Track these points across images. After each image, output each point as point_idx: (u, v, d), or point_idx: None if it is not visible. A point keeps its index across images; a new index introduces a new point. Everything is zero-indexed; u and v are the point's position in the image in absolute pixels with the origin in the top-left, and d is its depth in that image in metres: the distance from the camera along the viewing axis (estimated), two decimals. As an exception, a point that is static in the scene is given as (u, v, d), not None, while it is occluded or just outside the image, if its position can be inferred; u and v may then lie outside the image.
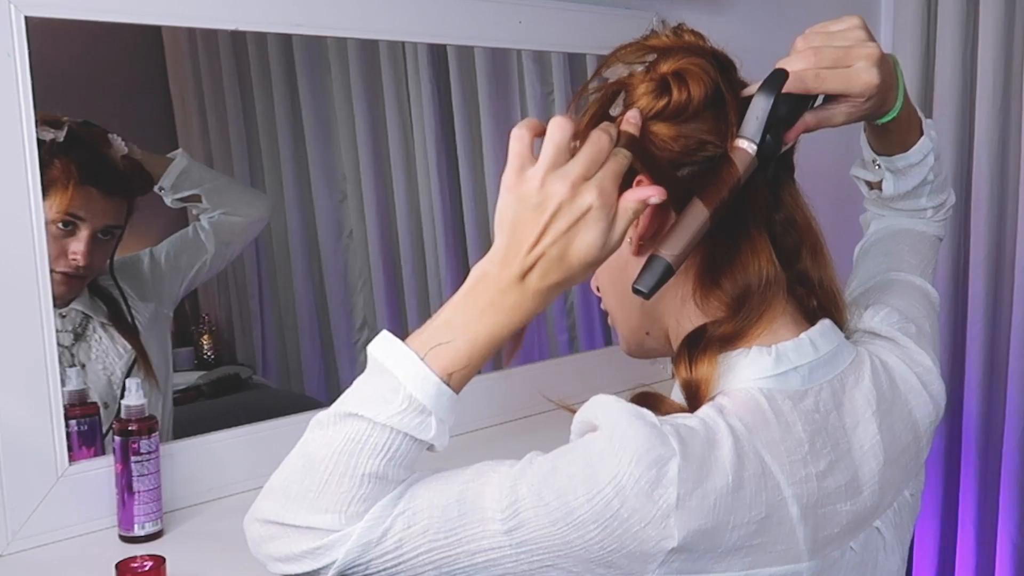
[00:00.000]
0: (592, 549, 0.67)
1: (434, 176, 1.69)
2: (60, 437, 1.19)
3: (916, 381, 0.87)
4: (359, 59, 1.59)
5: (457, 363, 0.72)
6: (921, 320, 0.93)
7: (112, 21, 1.19)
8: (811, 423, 0.75)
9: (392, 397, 0.72)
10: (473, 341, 0.72)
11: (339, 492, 0.71)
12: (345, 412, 0.73)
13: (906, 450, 0.84)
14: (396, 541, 0.70)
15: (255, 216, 1.52)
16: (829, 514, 0.75)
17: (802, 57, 0.79)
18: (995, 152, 2.09)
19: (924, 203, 1.04)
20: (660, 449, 0.67)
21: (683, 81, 0.77)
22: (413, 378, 0.72)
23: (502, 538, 0.68)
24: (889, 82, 0.84)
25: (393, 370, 0.72)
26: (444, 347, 0.72)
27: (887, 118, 0.89)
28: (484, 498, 0.70)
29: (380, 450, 0.71)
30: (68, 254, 1.28)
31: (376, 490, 0.71)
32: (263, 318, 1.61)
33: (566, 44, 1.65)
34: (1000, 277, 2.13)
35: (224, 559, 1.14)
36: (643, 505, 0.66)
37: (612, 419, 0.69)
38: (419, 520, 0.70)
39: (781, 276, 0.80)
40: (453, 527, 0.70)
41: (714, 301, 0.79)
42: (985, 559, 2.20)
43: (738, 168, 0.76)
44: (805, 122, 0.81)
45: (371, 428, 0.71)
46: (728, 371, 0.77)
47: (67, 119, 1.25)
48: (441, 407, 0.72)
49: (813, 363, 0.79)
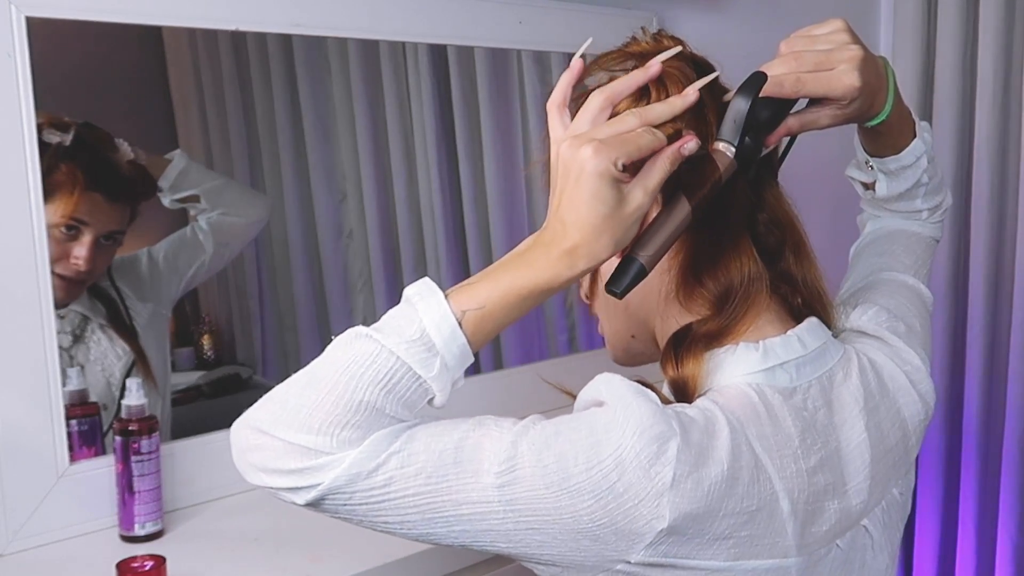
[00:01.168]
0: (582, 520, 0.67)
1: (434, 176, 1.69)
2: (61, 437, 1.19)
3: (904, 380, 0.87)
4: (359, 59, 1.59)
5: (472, 302, 0.71)
6: (911, 319, 0.93)
7: (112, 21, 1.19)
8: (801, 419, 0.76)
9: (406, 326, 0.71)
10: (494, 285, 0.72)
11: (333, 414, 0.69)
12: (360, 332, 0.72)
13: (894, 448, 0.85)
14: (386, 479, 0.69)
15: (254, 216, 1.52)
16: (818, 511, 0.75)
17: (783, 61, 0.80)
18: (995, 152, 2.09)
19: (919, 204, 1.04)
20: (663, 426, 0.68)
21: (662, 84, 0.78)
22: (431, 313, 0.71)
23: (492, 492, 0.68)
24: (876, 84, 0.84)
25: (416, 303, 0.72)
26: (466, 287, 0.72)
27: (876, 120, 0.89)
28: (482, 449, 0.69)
29: (381, 378, 0.69)
30: (70, 258, 1.27)
31: (370, 420, 0.69)
32: (263, 318, 1.61)
33: (566, 44, 1.65)
34: (1000, 277, 2.13)
35: (224, 559, 1.14)
36: (639, 480, 0.66)
37: (618, 393, 0.69)
38: (413, 462, 0.69)
39: (764, 273, 0.80)
40: (445, 474, 0.69)
41: (698, 300, 0.80)
42: (985, 559, 2.20)
43: (718, 168, 0.76)
44: (788, 125, 0.82)
45: (378, 351, 0.70)
46: (716, 368, 0.78)
47: (73, 122, 1.25)
48: (450, 352, 0.71)
49: (801, 360, 0.79)
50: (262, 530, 1.21)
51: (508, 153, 1.77)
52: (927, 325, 0.96)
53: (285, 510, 1.28)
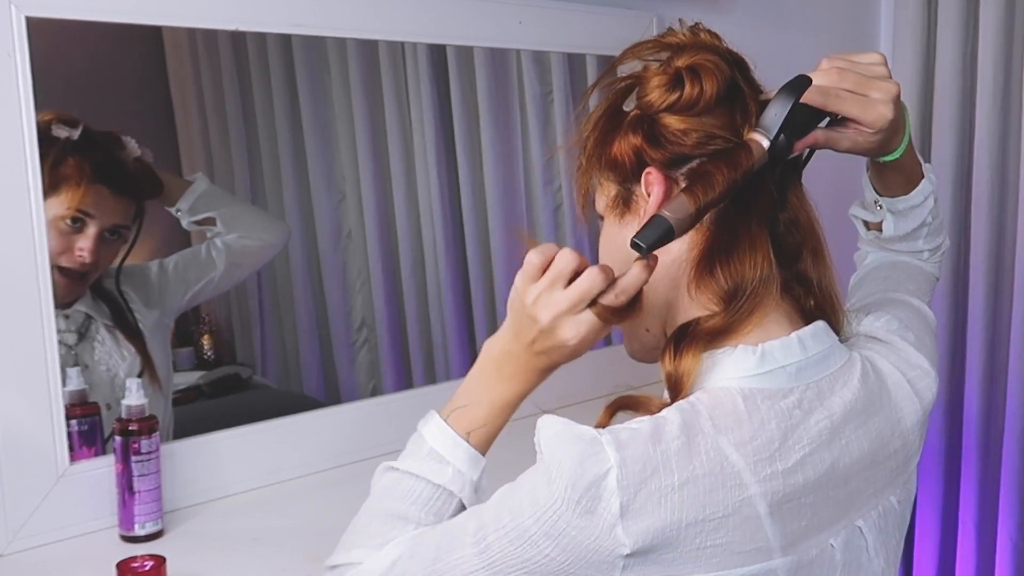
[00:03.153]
0: (552, 563, 0.70)
1: (434, 176, 1.69)
2: (61, 437, 1.19)
3: (908, 388, 0.87)
4: (359, 59, 1.59)
5: (475, 423, 0.84)
6: (921, 332, 0.94)
7: (112, 21, 1.19)
8: (788, 419, 0.76)
9: (418, 451, 0.85)
10: (490, 404, 0.84)
11: (369, 530, 0.84)
12: (385, 467, 0.86)
13: (893, 455, 0.84)
14: (400, 572, 0.79)
15: (269, 241, 1.54)
16: (797, 508, 0.75)
17: (826, 74, 0.83)
18: (995, 152, 2.09)
19: (921, 245, 1.06)
20: (594, 468, 0.69)
21: (696, 75, 0.79)
22: (435, 434, 0.84)
23: (476, 560, 0.74)
24: (898, 123, 0.87)
25: (423, 431, 0.86)
26: (463, 410, 0.85)
27: (890, 157, 0.92)
28: (464, 529, 0.77)
29: (406, 493, 0.83)
30: (75, 250, 1.29)
31: (399, 528, 0.82)
32: (263, 318, 1.61)
33: (566, 44, 1.66)
34: (1000, 277, 2.13)
35: (224, 559, 1.14)
36: (588, 523, 0.68)
37: (548, 447, 0.72)
38: (418, 552, 0.79)
39: (776, 275, 0.81)
40: (439, 555, 0.77)
41: (708, 292, 0.80)
42: (985, 559, 2.20)
43: (752, 155, 0.78)
44: (815, 136, 0.84)
45: (400, 476, 0.84)
46: (712, 368, 0.78)
47: (81, 119, 1.26)
48: (458, 459, 0.83)
49: (801, 363, 0.79)
50: (262, 530, 1.21)
51: (507, 153, 1.77)
52: (933, 344, 0.96)
53: (285, 510, 1.29)
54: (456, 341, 1.75)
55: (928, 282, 1.07)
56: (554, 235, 1.83)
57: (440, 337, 1.73)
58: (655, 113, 0.79)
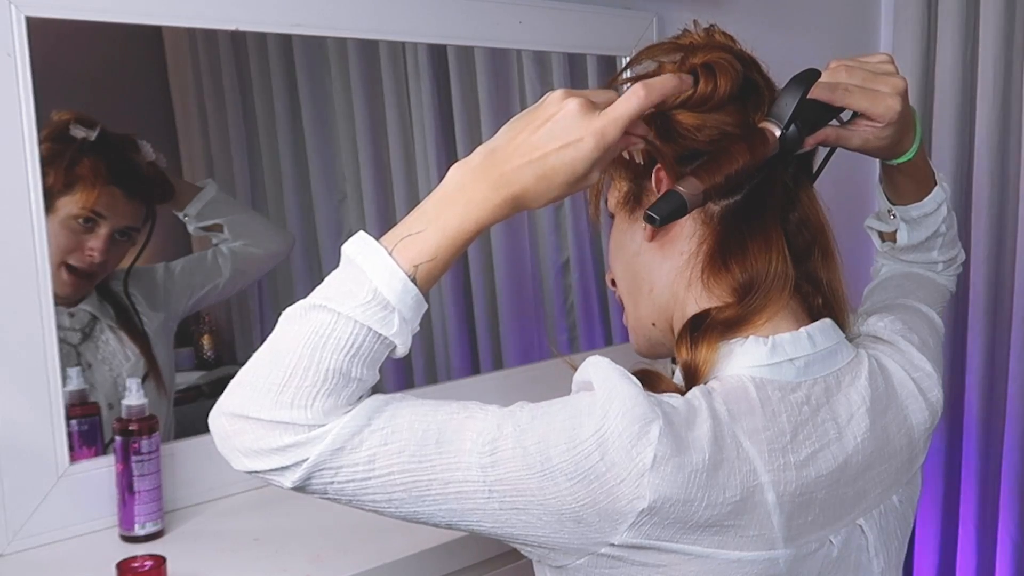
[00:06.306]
0: (565, 501, 0.69)
1: (434, 176, 1.69)
2: (61, 437, 1.19)
3: (914, 387, 0.88)
4: (359, 59, 1.59)
5: (424, 254, 0.72)
6: (924, 335, 0.95)
7: (112, 21, 1.19)
8: (798, 414, 0.77)
9: (357, 290, 0.71)
10: (442, 235, 0.72)
11: (303, 386, 0.70)
12: (312, 304, 0.72)
13: (898, 454, 0.85)
14: (369, 455, 0.70)
15: (274, 250, 1.55)
16: (806, 503, 0.76)
17: (833, 72, 0.85)
18: (995, 152, 2.09)
19: (936, 256, 1.07)
20: (646, 409, 0.69)
21: (711, 72, 0.80)
22: (380, 272, 0.71)
23: (477, 472, 0.69)
24: (908, 121, 0.89)
25: (362, 264, 0.72)
26: (413, 238, 0.72)
27: (902, 159, 0.93)
28: (465, 431, 0.70)
29: (344, 344, 0.70)
30: (85, 249, 1.30)
31: (340, 386, 0.70)
32: (263, 318, 1.61)
33: (566, 44, 1.65)
34: (1000, 277, 2.13)
35: (224, 559, 1.14)
36: (622, 459, 0.68)
37: (603, 375, 0.71)
38: (395, 440, 0.70)
39: (791, 272, 0.82)
40: (428, 453, 0.70)
41: (722, 285, 0.82)
42: (985, 559, 2.20)
43: (764, 140, 0.79)
44: (825, 133, 0.85)
45: (336, 320, 0.70)
46: (725, 357, 0.79)
47: (99, 121, 1.28)
48: (405, 305, 0.72)
49: (809, 357, 0.80)
50: (262, 530, 1.21)
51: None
52: (938, 349, 0.97)
53: (285, 510, 1.29)
54: (456, 341, 1.75)
55: (940, 294, 1.09)
56: (555, 235, 1.83)
57: (440, 337, 1.73)
58: (669, 110, 0.81)
